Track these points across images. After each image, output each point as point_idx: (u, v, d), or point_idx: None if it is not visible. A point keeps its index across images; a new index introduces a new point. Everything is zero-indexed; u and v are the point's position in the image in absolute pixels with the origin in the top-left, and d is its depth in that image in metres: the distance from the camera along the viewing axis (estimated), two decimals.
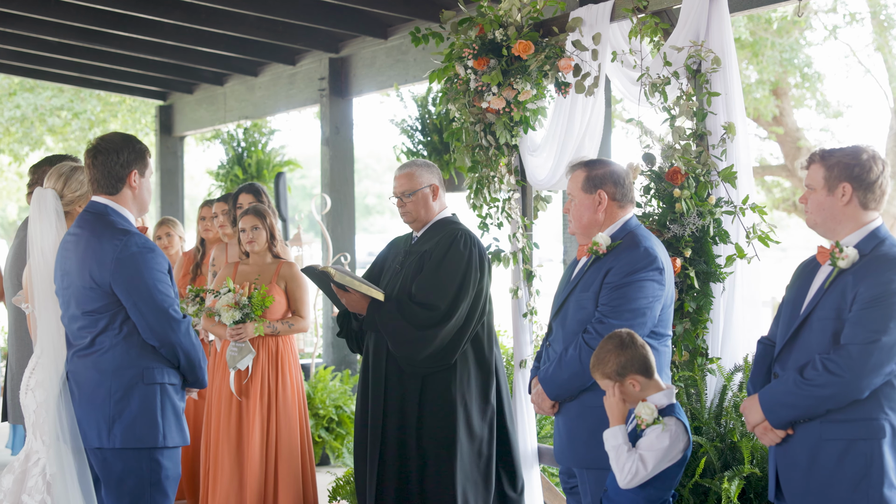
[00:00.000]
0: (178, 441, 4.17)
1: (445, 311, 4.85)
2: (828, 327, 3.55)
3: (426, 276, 4.92)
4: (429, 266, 4.93)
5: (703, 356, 4.75)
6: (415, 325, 4.83)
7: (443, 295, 4.85)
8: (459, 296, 4.87)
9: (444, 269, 4.90)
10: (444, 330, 4.84)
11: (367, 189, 37.71)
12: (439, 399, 4.91)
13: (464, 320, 4.90)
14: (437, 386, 4.92)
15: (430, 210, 5.09)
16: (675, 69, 4.75)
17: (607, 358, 3.81)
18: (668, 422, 3.72)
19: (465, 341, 4.93)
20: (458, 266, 4.90)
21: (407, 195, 5.06)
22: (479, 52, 5.44)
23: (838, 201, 3.62)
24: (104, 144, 4.21)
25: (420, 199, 5.06)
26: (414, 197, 5.06)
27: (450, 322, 4.84)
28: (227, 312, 5.68)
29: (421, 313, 4.85)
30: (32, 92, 17.19)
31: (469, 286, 4.90)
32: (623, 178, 4.30)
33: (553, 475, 6.02)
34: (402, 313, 4.86)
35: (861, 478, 3.49)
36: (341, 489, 6.04)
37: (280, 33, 8.66)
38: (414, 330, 4.84)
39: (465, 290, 4.88)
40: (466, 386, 4.94)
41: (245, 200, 6.44)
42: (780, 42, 14.21)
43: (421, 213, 5.08)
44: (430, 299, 4.86)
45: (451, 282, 4.87)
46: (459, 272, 4.89)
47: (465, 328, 4.91)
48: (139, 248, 4.09)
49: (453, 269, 4.89)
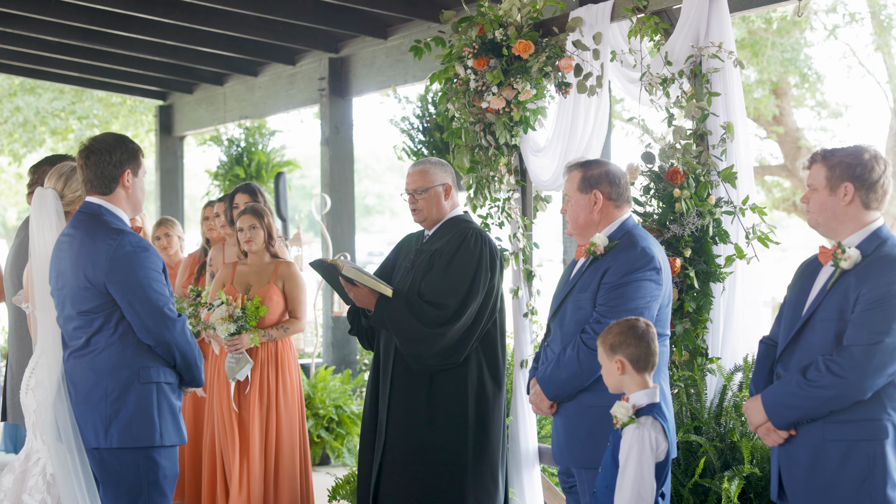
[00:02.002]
0: (175, 440, 4.16)
1: (455, 309, 4.82)
2: (830, 328, 3.55)
3: (436, 274, 4.90)
4: (439, 264, 4.91)
5: (702, 356, 4.75)
6: (424, 323, 4.81)
7: (453, 293, 4.83)
8: (470, 295, 4.84)
9: (454, 267, 4.87)
10: (454, 329, 4.82)
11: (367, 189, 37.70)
12: (449, 399, 4.88)
13: (473, 319, 4.87)
14: (447, 385, 4.89)
15: (441, 208, 5.08)
16: (678, 69, 4.75)
17: (615, 331, 3.79)
18: (643, 421, 3.70)
19: (475, 341, 4.90)
20: (468, 265, 4.87)
21: (419, 192, 5.04)
22: (479, 52, 5.44)
23: (840, 201, 3.62)
24: (96, 144, 4.20)
25: (432, 197, 5.05)
26: (426, 194, 5.04)
27: (459, 321, 4.82)
28: (221, 325, 5.67)
29: (430, 311, 4.82)
30: (33, 94, 17.18)
31: (480, 285, 4.87)
32: (619, 178, 4.30)
33: (553, 475, 6.02)
34: (411, 310, 4.84)
35: (864, 478, 3.49)
36: (341, 489, 6.03)
37: (280, 33, 8.66)
38: (422, 327, 4.81)
39: (475, 289, 4.86)
40: (477, 386, 4.92)
41: (241, 200, 6.43)
42: (781, 42, 14.21)
43: (432, 211, 5.07)
44: (440, 298, 4.83)
45: (462, 280, 4.85)
46: (470, 271, 4.87)
47: (474, 327, 4.88)
48: (133, 248, 4.08)
49: (464, 268, 4.87)
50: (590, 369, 4.08)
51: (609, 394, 3.98)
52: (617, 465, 3.72)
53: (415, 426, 4.89)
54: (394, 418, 4.94)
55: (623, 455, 3.69)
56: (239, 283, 5.91)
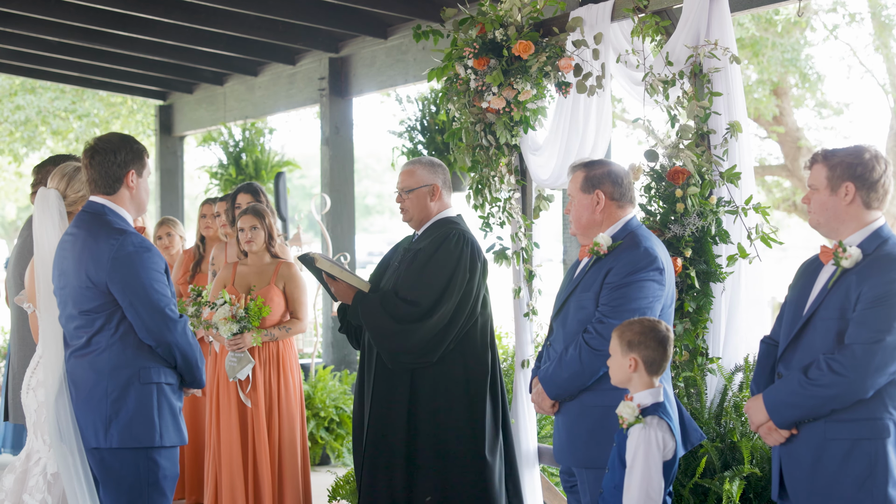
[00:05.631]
0: (175, 440, 4.16)
1: (428, 307, 4.84)
2: (831, 327, 3.55)
3: (412, 272, 4.93)
4: (417, 262, 4.94)
5: (703, 356, 4.75)
6: (395, 319, 4.83)
7: (426, 291, 4.85)
8: (445, 294, 4.86)
9: (431, 266, 4.89)
10: (425, 327, 4.82)
11: (367, 189, 37.70)
12: (427, 397, 4.90)
13: (448, 319, 4.88)
14: (427, 384, 4.91)
15: (426, 209, 5.09)
16: (679, 69, 4.74)
17: (636, 328, 3.78)
18: (649, 421, 3.71)
19: (450, 340, 4.91)
20: (446, 264, 4.89)
21: (406, 191, 5.08)
22: (480, 52, 5.44)
23: (841, 201, 3.62)
24: (101, 144, 4.21)
25: (417, 198, 5.07)
26: (412, 194, 5.07)
27: (431, 319, 4.83)
28: (224, 325, 5.68)
29: (403, 307, 4.85)
30: (34, 94, 17.18)
31: (456, 285, 4.88)
32: (622, 178, 4.30)
33: (553, 475, 6.02)
34: (384, 306, 4.87)
35: (866, 477, 3.49)
36: (341, 489, 6.04)
37: (280, 33, 8.66)
38: (394, 323, 4.83)
39: (451, 290, 4.87)
40: (455, 386, 4.93)
41: (243, 200, 6.43)
42: (782, 42, 14.21)
43: (417, 211, 5.09)
44: (413, 295, 4.86)
45: (437, 279, 4.86)
46: (447, 271, 4.88)
47: (450, 327, 4.89)
48: (135, 248, 4.08)
49: (441, 267, 4.88)
50: (591, 369, 4.08)
51: (610, 394, 3.99)
52: (624, 466, 3.72)
53: (395, 423, 4.92)
54: (375, 416, 4.97)
55: (630, 455, 3.69)
56: (240, 284, 5.92)
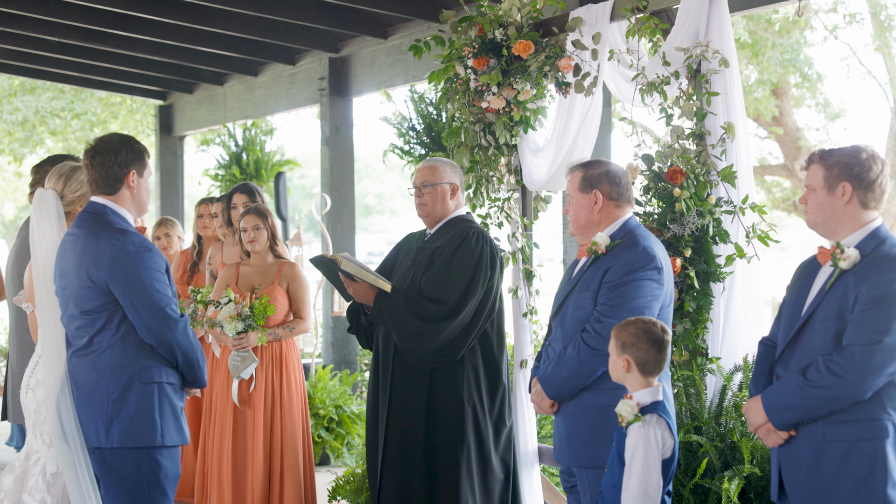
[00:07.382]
0: (176, 440, 4.17)
1: (453, 306, 4.84)
2: (830, 328, 3.55)
3: (436, 271, 4.92)
4: (439, 261, 4.93)
5: (702, 356, 4.75)
6: (422, 318, 4.83)
7: (452, 290, 4.85)
8: (468, 292, 4.86)
9: (454, 264, 4.90)
10: (452, 325, 4.83)
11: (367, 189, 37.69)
12: (447, 396, 4.90)
13: (472, 317, 4.89)
14: (445, 383, 4.91)
15: (445, 206, 5.10)
16: (675, 69, 4.75)
17: (630, 329, 3.79)
18: (648, 419, 3.71)
19: (473, 338, 4.92)
20: (468, 262, 4.89)
21: (426, 186, 5.07)
22: (479, 52, 5.44)
23: (838, 201, 3.62)
24: (102, 145, 4.21)
25: (438, 193, 5.07)
26: (433, 189, 5.06)
27: (457, 318, 4.84)
28: (229, 324, 5.68)
29: (428, 306, 4.84)
30: (33, 94, 17.19)
31: (479, 283, 4.89)
32: (619, 178, 4.31)
33: (553, 475, 6.02)
34: (410, 305, 4.86)
35: (865, 478, 3.49)
36: (341, 489, 6.04)
37: (280, 33, 8.66)
38: (421, 322, 4.83)
39: (474, 287, 4.88)
40: (475, 384, 4.93)
41: (239, 200, 6.44)
42: (781, 42, 14.21)
43: (437, 208, 5.09)
44: (439, 294, 4.86)
45: (461, 278, 4.87)
46: (470, 269, 4.89)
47: (472, 325, 4.90)
48: (136, 248, 4.09)
49: (464, 266, 4.89)
50: (590, 368, 4.09)
51: (610, 393, 3.99)
52: (623, 464, 3.73)
53: (414, 423, 4.91)
54: (394, 415, 4.96)
55: (629, 453, 3.69)
56: (244, 284, 5.92)
